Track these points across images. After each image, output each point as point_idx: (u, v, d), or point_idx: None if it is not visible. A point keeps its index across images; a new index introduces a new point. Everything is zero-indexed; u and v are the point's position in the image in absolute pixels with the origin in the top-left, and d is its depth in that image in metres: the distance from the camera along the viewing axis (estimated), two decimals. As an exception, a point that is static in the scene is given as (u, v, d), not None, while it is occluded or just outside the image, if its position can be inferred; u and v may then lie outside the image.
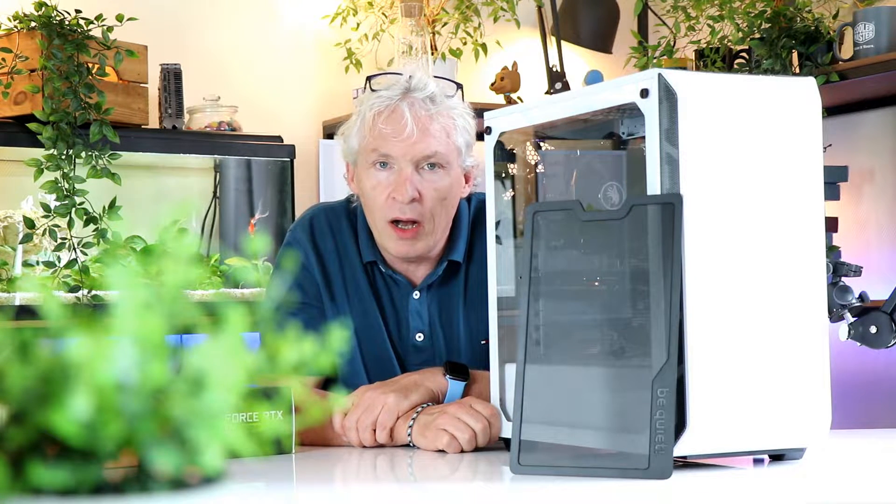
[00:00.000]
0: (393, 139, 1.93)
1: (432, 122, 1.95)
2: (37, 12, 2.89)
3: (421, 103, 1.94)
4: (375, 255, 2.03)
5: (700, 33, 3.39)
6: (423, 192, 1.95)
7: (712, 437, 1.44)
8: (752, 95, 1.49)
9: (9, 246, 3.01)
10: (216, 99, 3.36)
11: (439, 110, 1.95)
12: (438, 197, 1.96)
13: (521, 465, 1.49)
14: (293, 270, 2.03)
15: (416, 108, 1.94)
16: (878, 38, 3.04)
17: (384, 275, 2.04)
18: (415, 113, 1.93)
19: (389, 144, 1.94)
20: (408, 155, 1.93)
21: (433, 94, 1.96)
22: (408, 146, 1.93)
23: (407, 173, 1.93)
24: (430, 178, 1.96)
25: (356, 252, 2.05)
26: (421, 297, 2.03)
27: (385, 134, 1.94)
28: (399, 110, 1.94)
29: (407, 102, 1.94)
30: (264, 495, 1.44)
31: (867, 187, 3.50)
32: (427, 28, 3.56)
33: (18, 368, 0.77)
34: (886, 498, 1.37)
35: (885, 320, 2.03)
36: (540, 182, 1.79)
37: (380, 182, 1.96)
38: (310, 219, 2.08)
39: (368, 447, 1.80)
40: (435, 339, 2.02)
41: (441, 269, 2.02)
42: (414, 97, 1.95)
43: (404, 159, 1.94)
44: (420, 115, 1.94)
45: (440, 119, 1.95)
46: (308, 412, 0.91)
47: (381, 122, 1.94)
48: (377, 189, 1.96)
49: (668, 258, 1.41)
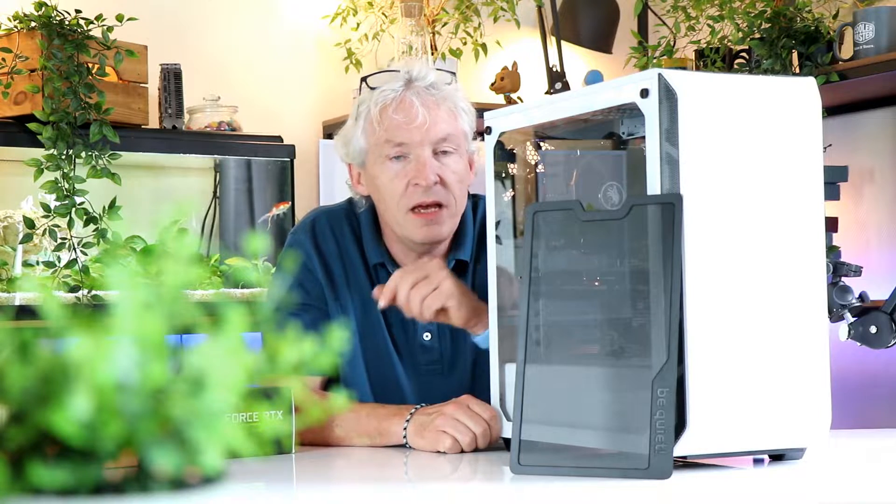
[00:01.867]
0: (407, 127, 1.94)
1: (440, 108, 1.97)
2: (37, 12, 2.89)
3: (425, 91, 1.97)
4: (383, 255, 2.03)
5: (700, 33, 3.39)
6: (443, 175, 1.96)
7: (712, 437, 1.44)
8: (752, 95, 1.49)
9: (9, 246, 3.01)
10: (216, 99, 3.36)
11: (443, 95, 1.98)
12: (458, 180, 1.99)
13: (521, 465, 1.49)
14: (296, 271, 2.02)
15: (423, 95, 1.96)
16: (878, 38, 3.04)
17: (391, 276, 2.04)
18: (423, 100, 1.95)
19: (404, 133, 1.95)
20: (424, 140, 1.95)
21: (434, 82, 1.98)
22: (423, 132, 1.94)
23: (425, 158, 1.95)
24: (446, 161, 1.97)
25: (359, 254, 2.04)
26: None
27: (398, 123, 1.95)
28: (407, 99, 1.95)
29: (412, 91, 1.96)
30: (264, 495, 1.44)
31: (867, 187, 3.50)
32: (427, 28, 3.56)
33: (18, 368, 0.77)
34: (886, 498, 1.37)
35: (885, 320, 2.03)
36: (540, 182, 1.79)
37: (397, 173, 1.96)
38: (311, 221, 2.08)
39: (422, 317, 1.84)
40: (442, 339, 2.02)
41: (449, 268, 2.02)
42: (417, 86, 1.97)
43: (421, 146, 1.95)
44: (428, 102, 1.96)
45: (445, 104, 1.98)
46: (308, 412, 0.91)
47: (392, 112, 1.95)
48: (395, 180, 1.96)
49: (668, 258, 1.41)
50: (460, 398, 1.80)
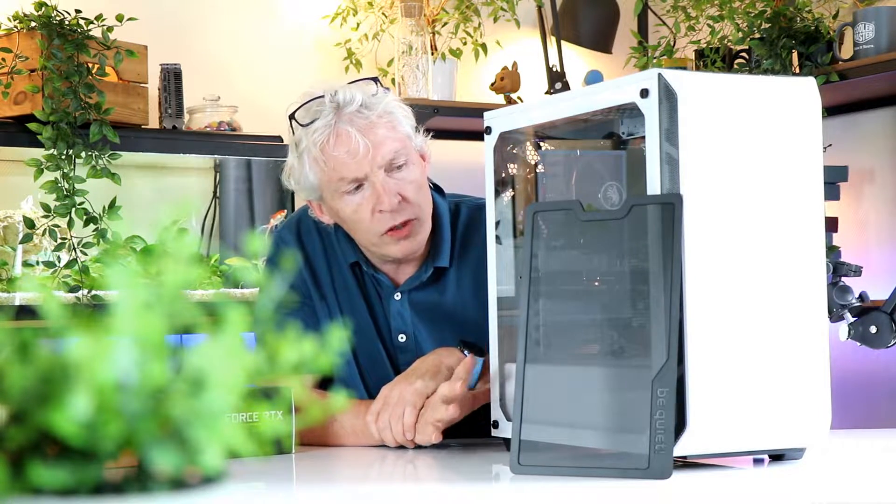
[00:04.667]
0: (352, 161, 1.90)
1: (377, 128, 1.92)
2: (37, 12, 2.89)
3: (357, 115, 1.91)
4: (358, 255, 2.04)
5: (700, 33, 3.39)
6: (404, 191, 1.94)
7: (712, 437, 1.44)
8: (752, 95, 1.49)
9: (9, 246, 3.01)
10: (216, 99, 3.36)
11: (376, 112, 1.92)
12: (417, 188, 1.96)
13: (521, 465, 1.49)
14: (282, 270, 2.02)
15: (356, 121, 1.91)
16: (878, 38, 3.04)
17: (367, 274, 2.05)
18: (358, 127, 1.90)
19: (351, 167, 1.91)
20: (374, 166, 1.91)
21: (363, 101, 1.92)
22: (369, 160, 1.90)
23: (380, 183, 1.91)
24: (401, 175, 1.94)
25: (342, 252, 2.05)
26: (402, 299, 2.03)
27: (342, 159, 1.91)
28: (343, 131, 1.90)
29: (344, 121, 1.91)
30: (264, 495, 1.44)
31: (867, 187, 3.50)
32: (427, 28, 3.56)
33: (18, 368, 0.77)
34: (886, 498, 1.37)
35: (885, 320, 2.03)
36: (540, 182, 1.78)
37: (359, 204, 1.93)
38: (297, 220, 2.08)
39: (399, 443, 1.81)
40: (418, 341, 2.02)
41: (426, 275, 2.02)
42: (348, 113, 1.91)
43: (372, 172, 1.91)
44: (363, 127, 1.91)
45: (381, 121, 1.93)
46: (308, 412, 0.91)
47: (331, 149, 1.91)
48: (358, 211, 1.94)
49: (667, 258, 1.41)
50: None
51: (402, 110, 1.98)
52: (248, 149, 3.33)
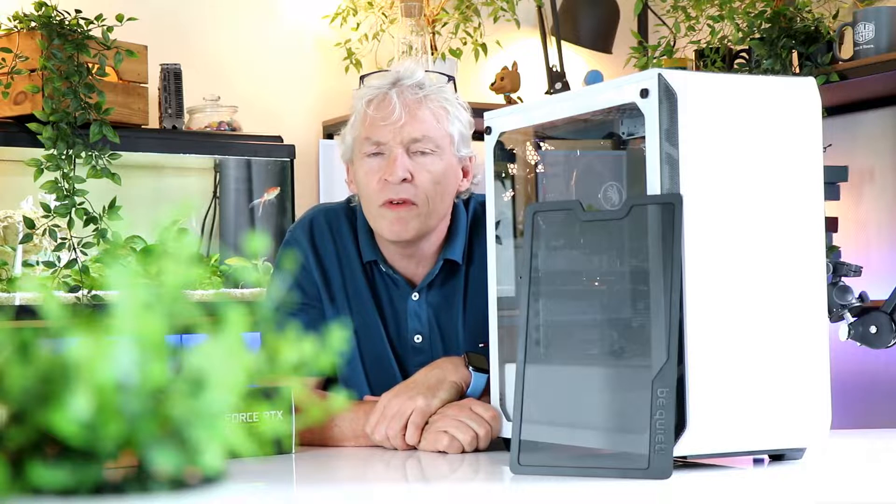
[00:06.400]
0: (382, 124, 1.94)
1: (421, 107, 1.95)
2: (37, 12, 2.89)
3: (409, 89, 1.96)
4: (376, 253, 2.03)
5: (700, 33, 3.39)
6: (415, 173, 1.95)
7: (712, 437, 1.44)
8: (752, 95, 1.49)
9: (9, 246, 3.01)
10: (216, 99, 3.36)
11: (428, 95, 1.96)
12: (432, 180, 1.96)
13: (521, 465, 1.49)
14: (292, 271, 2.02)
15: (405, 93, 1.96)
16: (878, 38, 3.04)
17: (384, 275, 2.04)
18: (403, 98, 1.95)
19: (379, 130, 1.95)
20: (397, 138, 1.94)
21: (421, 80, 1.97)
22: (396, 129, 1.94)
23: (396, 155, 1.93)
24: (421, 161, 1.95)
25: (356, 253, 2.04)
26: (420, 299, 2.03)
27: (375, 120, 1.95)
28: (388, 97, 1.96)
29: (396, 90, 1.96)
30: (264, 495, 1.44)
31: (867, 187, 3.50)
32: (427, 28, 3.56)
33: (18, 368, 0.77)
34: (886, 498, 1.37)
35: (885, 320, 2.03)
36: (540, 182, 1.79)
37: (372, 168, 1.96)
38: (310, 219, 2.07)
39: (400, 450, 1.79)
40: (433, 341, 2.02)
41: (437, 267, 2.02)
42: (403, 84, 1.97)
43: (394, 142, 1.94)
44: (408, 100, 1.95)
45: (429, 104, 1.96)
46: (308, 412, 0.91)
47: (372, 109, 1.96)
48: (369, 175, 1.96)
49: (667, 258, 1.41)
50: (462, 401, 1.80)
51: (458, 112, 2.00)
52: (248, 149, 3.33)
